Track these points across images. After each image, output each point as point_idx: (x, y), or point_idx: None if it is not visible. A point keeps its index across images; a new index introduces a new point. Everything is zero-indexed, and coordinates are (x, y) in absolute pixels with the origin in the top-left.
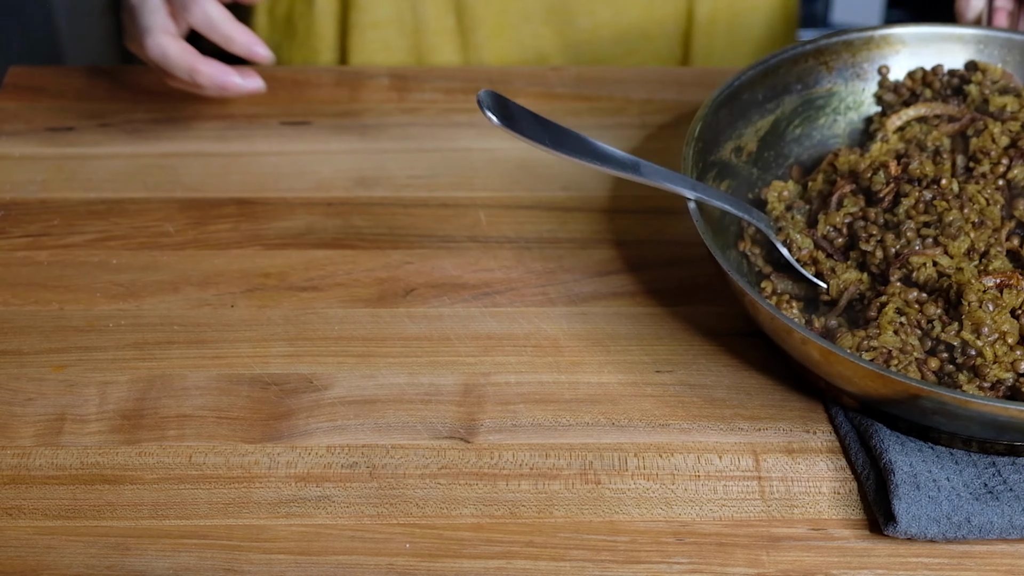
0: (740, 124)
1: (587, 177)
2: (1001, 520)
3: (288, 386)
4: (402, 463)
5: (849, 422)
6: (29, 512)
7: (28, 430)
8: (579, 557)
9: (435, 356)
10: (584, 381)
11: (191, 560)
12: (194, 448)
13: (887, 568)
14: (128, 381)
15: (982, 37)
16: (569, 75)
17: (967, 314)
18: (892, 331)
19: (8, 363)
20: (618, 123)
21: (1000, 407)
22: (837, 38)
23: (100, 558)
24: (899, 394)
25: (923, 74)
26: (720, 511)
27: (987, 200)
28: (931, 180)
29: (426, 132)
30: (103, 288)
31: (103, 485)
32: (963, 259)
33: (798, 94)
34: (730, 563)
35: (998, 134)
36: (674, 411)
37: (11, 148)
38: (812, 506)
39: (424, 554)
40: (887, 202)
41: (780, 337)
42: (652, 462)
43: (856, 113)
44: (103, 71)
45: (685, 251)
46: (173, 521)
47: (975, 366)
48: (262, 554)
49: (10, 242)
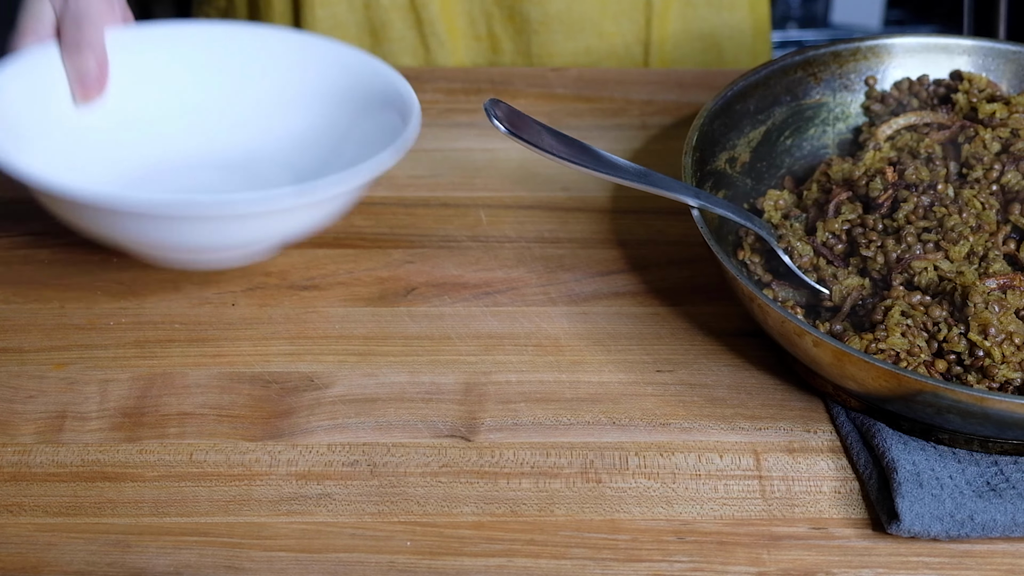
0: (733, 135)
1: (588, 178)
2: (1004, 518)
3: (289, 384)
4: (403, 461)
5: (851, 422)
6: (30, 509)
7: (29, 427)
8: (580, 555)
9: (436, 355)
10: (585, 380)
11: (192, 557)
12: (195, 446)
13: (888, 567)
14: (129, 379)
15: (967, 47)
16: (570, 76)
17: (974, 315)
18: (899, 333)
19: (9, 361)
20: (619, 124)
21: (1019, 403)
22: (824, 49)
23: (101, 555)
24: (914, 393)
25: (909, 84)
26: (721, 510)
27: (983, 204)
28: (928, 185)
29: (427, 132)
30: (104, 286)
31: (104, 483)
32: (963, 263)
33: (787, 105)
34: (731, 562)
35: (989, 140)
36: (675, 410)
37: None
38: (813, 505)
39: (425, 552)
40: (885, 208)
41: (790, 341)
42: (653, 461)
43: (844, 124)
44: None
45: (686, 251)
46: (174, 519)
47: (983, 367)
48: (263, 552)
49: (11, 240)
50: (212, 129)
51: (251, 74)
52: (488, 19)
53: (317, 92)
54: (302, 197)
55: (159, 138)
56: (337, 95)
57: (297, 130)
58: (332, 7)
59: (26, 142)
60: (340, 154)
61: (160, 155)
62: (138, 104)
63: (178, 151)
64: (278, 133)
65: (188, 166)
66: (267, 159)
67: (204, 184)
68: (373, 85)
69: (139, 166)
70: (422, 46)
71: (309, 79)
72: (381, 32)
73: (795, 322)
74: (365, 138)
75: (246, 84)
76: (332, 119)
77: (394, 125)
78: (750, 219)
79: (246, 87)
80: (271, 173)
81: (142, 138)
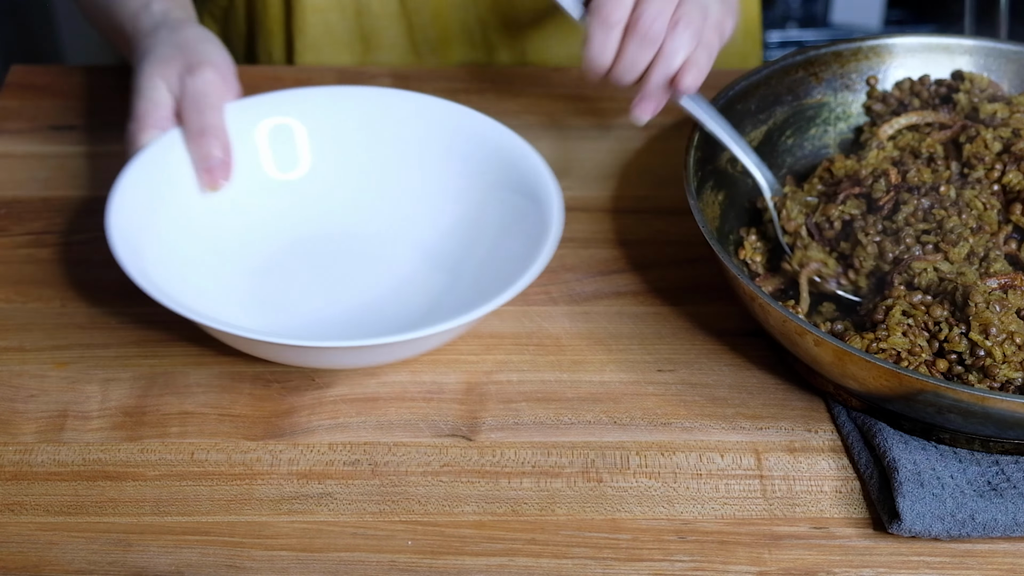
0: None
1: (589, 177)
2: (1005, 517)
3: (290, 384)
4: (404, 460)
5: (852, 421)
6: (31, 508)
7: (30, 426)
8: (581, 555)
9: (437, 354)
10: (586, 380)
11: (193, 556)
12: (196, 445)
13: (889, 567)
14: (130, 378)
15: (969, 47)
16: (571, 76)
17: (975, 315)
18: (901, 332)
19: (10, 360)
20: (620, 124)
21: (1020, 403)
22: (826, 49)
23: (102, 554)
24: (915, 393)
25: (911, 84)
26: (722, 509)
27: (984, 205)
28: (930, 187)
29: None
30: (105, 286)
31: (105, 482)
32: (963, 264)
33: (789, 105)
34: (732, 561)
35: (990, 140)
36: (676, 410)
37: (14, 146)
38: (814, 504)
39: (426, 551)
40: (887, 210)
41: (791, 340)
42: (654, 460)
43: (846, 123)
44: (105, 70)
45: (687, 251)
46: (175, 518)
47: (984, 366)
48: (264, 551)
49: (13, 240)
50: (340, 200)
51: (382, 141)
52: (483, 26)
53: (453, 164)
54: (450, 327)
55: (288, 213)
56: (475, 169)
57: (429, 202)
58: (324, 13)
59: (160, 232)
60: (477, 240)
61: (291, 233)
62: (261, 180)
63: (309, 227)
64: (410, 204)
65: (319, 249)
66: (400, 237)
67: (337, 275)
68: (513, 164)
69: (271, 248)
70: (413, 52)
71: (448, 149)
72: (372, 38)
73: (796, 321)
74: (502, 223)
75: (374, 152)
76: (467, 194)
77: (528, 211)
78: (761, 167)
79: (374, 155)
80: (405, 257)
81: (271, 215)
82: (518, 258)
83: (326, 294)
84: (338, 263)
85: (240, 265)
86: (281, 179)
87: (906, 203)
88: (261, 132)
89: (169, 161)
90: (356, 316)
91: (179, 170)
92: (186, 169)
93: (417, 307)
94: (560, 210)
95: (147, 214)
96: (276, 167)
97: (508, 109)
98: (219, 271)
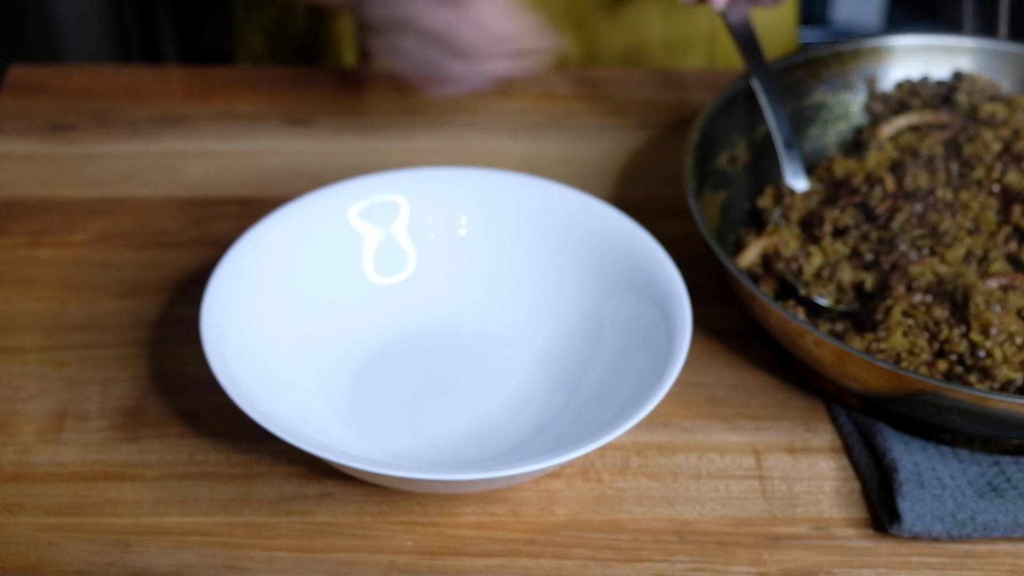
0: (734, 134)
1: (589, 177)
2: (1005, 518)
3: None
4: None
5: (852, 421)
6: (30, 509)
7: (29, 427)
8: (581, 555)
9: None
10: None
11: (192, 557)
12: (196, 445)
13: (889, 567)
14: (130, 378)
15: (969, 47)
16: (570, 76)
17: (975, 315)
18: (901, 333)
19: (9, 360)
20: (620, 124)
21: (1020, 403)
22: (826, 49)
23: (101, 555)
24: (915, 393)
25: (911, 85)
26: (722, 510)
27: (981, 206)
28: (926, 192)
29: (428, 132)
30: (104, 286)
31: (104, 482)
32: (961, 265)
33: (789, 105)
34: (732, 562)
35: (990, 140)
36: (676, 410)
37: (13, 146)
38: (814, 505)
39: (426, 552)
40: (883, 220)
41: (791, 340)
42: (654, 461)
43: (846, 123)
44: (104, 70)
45: (686, 251)
46: (174, 518)
47: (984, 367)
48: (263, 551)
49: (11, 240)
50: (449, 295)
51: (496, 229)
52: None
53: (568, 254)
54: (562, 459)
55: (390, 307)
56: (592, 262)
57: (541, 295)
58: None
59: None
60: (592, 347)
61: (390, 330)
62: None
63: (409, 323)
64: (521, 298)
65: (421, 345)
66: (507, 338)
67: (439, 379)
68: (637, 262)
69: (369, 347)
70: None
71: (564, 237)
72: None
73: (796, 322)
74: (620, 328)
75: (486, 241)
76: (580, 289)
77: (650, 318)
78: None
79: (484, 244)
80: (513, 362)
81: (367, 311)
82: (642, 374)
83: (431, 407)
84: (438, 375)
85: (337, 371)
86: (385, 283)
87: (901, 210)
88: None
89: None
90: (459, 434)
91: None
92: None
93: (526, 422)
94: (687, 319)
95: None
96: (377, 269)
97: (508, 109)
98: (317, 378)
